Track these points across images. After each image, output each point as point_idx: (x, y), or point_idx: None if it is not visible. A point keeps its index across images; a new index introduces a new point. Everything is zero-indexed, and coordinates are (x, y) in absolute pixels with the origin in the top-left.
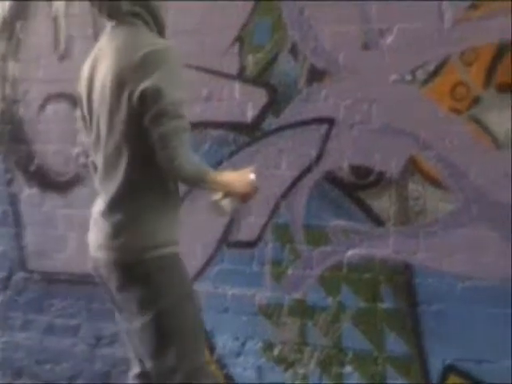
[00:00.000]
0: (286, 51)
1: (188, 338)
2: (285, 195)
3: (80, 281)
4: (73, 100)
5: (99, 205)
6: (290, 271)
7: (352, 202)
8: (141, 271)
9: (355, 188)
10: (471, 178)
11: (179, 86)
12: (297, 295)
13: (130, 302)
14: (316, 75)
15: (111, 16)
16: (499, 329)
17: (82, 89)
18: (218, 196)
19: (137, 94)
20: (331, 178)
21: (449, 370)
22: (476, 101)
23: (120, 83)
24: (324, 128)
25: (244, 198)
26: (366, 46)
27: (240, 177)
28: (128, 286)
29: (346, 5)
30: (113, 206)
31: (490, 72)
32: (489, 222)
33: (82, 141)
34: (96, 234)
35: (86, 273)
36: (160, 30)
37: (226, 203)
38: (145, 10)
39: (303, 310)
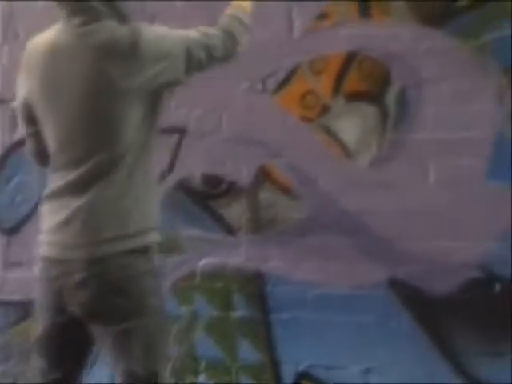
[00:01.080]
0: None
1: (164, 340)
2: None
3: None
4: None
5: (73, 200)
6: None
7: (204, 211)
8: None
9: (207, 197)
10: (321, 186)
11: (175, 42)
12: None
13: (115, 307)
14: None
15: (78, 13)
16: (349, 335)
17: (34, 93)
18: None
19: (149, 79)
20: (183, 187)
21: (301, 377)
22: (325, 109)
23: (113, 77)
24: (175, 137)
25: None
26: None
27: None
28: (112, 287)
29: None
30: (97, 196)
31: (339, 81)
32: (338, 230)
33: None
34: (69, 232)
35: None
36: (122, 19)
37: None
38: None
39: None
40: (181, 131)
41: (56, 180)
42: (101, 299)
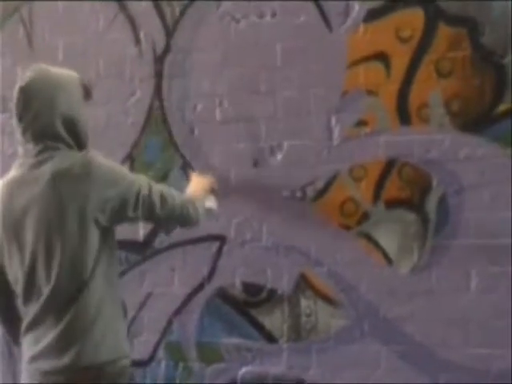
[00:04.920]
0: (177, 168)
1: None
2: (177, 313)
3: None
4: None
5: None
6: None
7: (244, 319)
8: None
9: (247, 305)
10: (362, 294)
11: (126, 173)
12: None
13: None
14: None
15: (43, 139)
16: None
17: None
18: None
19: (102, 203)
20: (223, 295)
21: None
22: (365, 216)
23: (73, 199)
24: (215, 245)
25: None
26: (256, 164)
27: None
28: None
29: (235, 123)
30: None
31: (379, 188)
32: (380, 337)
33: None
34: (48, 360)
35: None
36: (82, 145)
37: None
38: (71, 133)
39: None
40: (221, 239)
41: (30, 311)
42: None
